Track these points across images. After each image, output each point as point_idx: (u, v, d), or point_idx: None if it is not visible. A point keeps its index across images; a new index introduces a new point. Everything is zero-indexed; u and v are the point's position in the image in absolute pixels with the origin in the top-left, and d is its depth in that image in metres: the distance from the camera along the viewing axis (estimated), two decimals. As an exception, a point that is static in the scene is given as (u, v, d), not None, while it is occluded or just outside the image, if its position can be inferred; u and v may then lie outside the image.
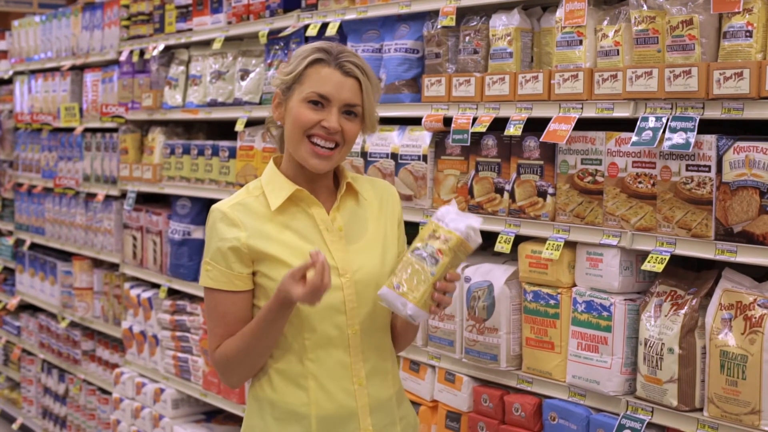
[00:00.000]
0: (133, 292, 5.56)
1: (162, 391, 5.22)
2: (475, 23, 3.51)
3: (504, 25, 3.39)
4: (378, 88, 2.66)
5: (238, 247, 2.57)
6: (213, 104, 4.90)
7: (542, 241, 3.21)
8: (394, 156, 3.76)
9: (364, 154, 3.87)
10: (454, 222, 2.52)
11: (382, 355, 2.69)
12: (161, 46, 5.31)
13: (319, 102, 2.56)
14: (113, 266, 6.01)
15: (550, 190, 3.23)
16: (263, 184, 2.67)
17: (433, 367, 3.62)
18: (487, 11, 3.50)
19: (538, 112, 3.24)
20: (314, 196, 2.65)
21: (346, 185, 2.70)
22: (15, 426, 7.42)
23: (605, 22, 3.10)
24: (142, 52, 5.51)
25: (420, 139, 3.68)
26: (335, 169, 2.72)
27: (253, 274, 2.61)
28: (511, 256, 3.40)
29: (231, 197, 2.69)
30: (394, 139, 3.77)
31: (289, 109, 2.60)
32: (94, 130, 6.21)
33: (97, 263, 6.25)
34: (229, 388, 4.63)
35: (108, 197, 5.94)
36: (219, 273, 2.60)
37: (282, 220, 2.62)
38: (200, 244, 5.06)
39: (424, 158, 3.65)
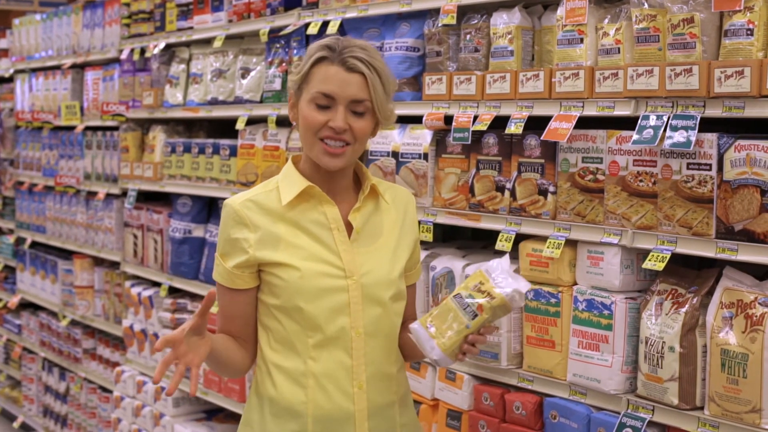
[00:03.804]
0: (134, 291, 5.56)
1: (163, 389, 5.22)
2: (476, 21, 3.51)
3: (505, 23, 3.39)
4: (390, 80, 2.61)
5: (245, 248, 2.59)
6: (214, 102, 4.90)
7: (543, 239, 3.21)
8: (395, 154, 3.75)
9: (364, 152, 3.86)
10: (504, 282, 2.54)
11: (387, 360, 2.68)
12: (162, 45, 5.30)
13: (325, 102, 2.55)
14: (114, 264, 6.02)
15: (551, 189, 3.22)
16: (279, 180, 2.67)
17: (434, 365, 3.62)
18: (488, 9, 3.50)
19: (539, 110, 3.23)
20: (332, 196, 2.64)
21: (370, 188, 2.69)
22: (16, 424, 7.43)
23: (606, 21, 3.10)
24: (142, 51, 5.51)
25: (421, 138, 3.67)
26: (356, 169, 2.72)
27: (260, 270, 2.63)
28: (512, 255, 3.39)
29: (246, 192, 2.69)
30: (395, 138, 3.77)
31: (299, 110, 2.60)
32: (94, 129, 6.21)
33: (98, 261, 6.25)
34: (228, 383, 4.65)
35: (109, 195, 5.94)
36: (223, 269, 2.64)
37: (293, 216, 2.61)
38: (201, 242, 5.06)
39: (425, 156, 3.65)
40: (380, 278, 2.63)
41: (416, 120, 3.70)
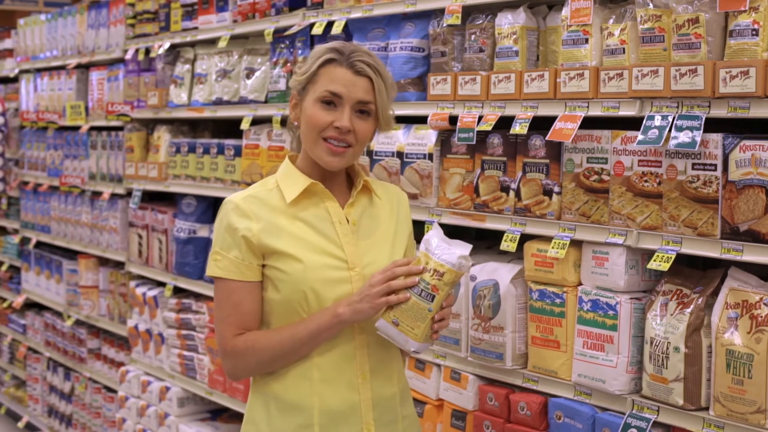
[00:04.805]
0: (139, 291, 5.56)
1: (167, 389, 5.23)
2: (480, 21, 3.51)
3: (510, 23, 3.38)
4: (392, 86, 2.69)
5: (249, 237, 2.59)
6: (218, 103, 4.90)
7: (548, 239, 3.21)
8: (399, 154, 3.76)
9: (369, 152, 3.87)
10: (445, 254, 2.55)
11: (388, 352, 2.71)
12: (167, 45, 5.31)
13: (331, 101, 2.59)
14: (119, 264, 6.02)
15: (556, 189, 3.22)
16: (278, 179, 2.70)
17: (439, 365, 3.62)
18: (492, 9, 3.50)
19: (544, 110, 3.23)
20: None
21: (363, 183, 2.73)
22: (21, 424, 7.43)
23: (611, 21, 3.10)
24: (147, 51, 5.52)
25: (426, 138, 3.67)
26: (349, 168, 2.76)
27: (263, 266, 2.63)
28: (517, 255, 3.40)
29: (245, 190, 2.72)
30: (400, 138, 3.77)
31: (303, 109, 2.64)
32: (99, 129, 6.22)
33: (103, 261, 6.25)
34: (233, 384, 4.65)
35: (113, 195, 5.95)
36: (229, 262, 2.62)
37: (295, 212, 2.64)
38: (206, 242, 5.07)
39: (430, 157, 3.65)
40: (382, 269, 2.65)
41: (421, 120, 3.70)
